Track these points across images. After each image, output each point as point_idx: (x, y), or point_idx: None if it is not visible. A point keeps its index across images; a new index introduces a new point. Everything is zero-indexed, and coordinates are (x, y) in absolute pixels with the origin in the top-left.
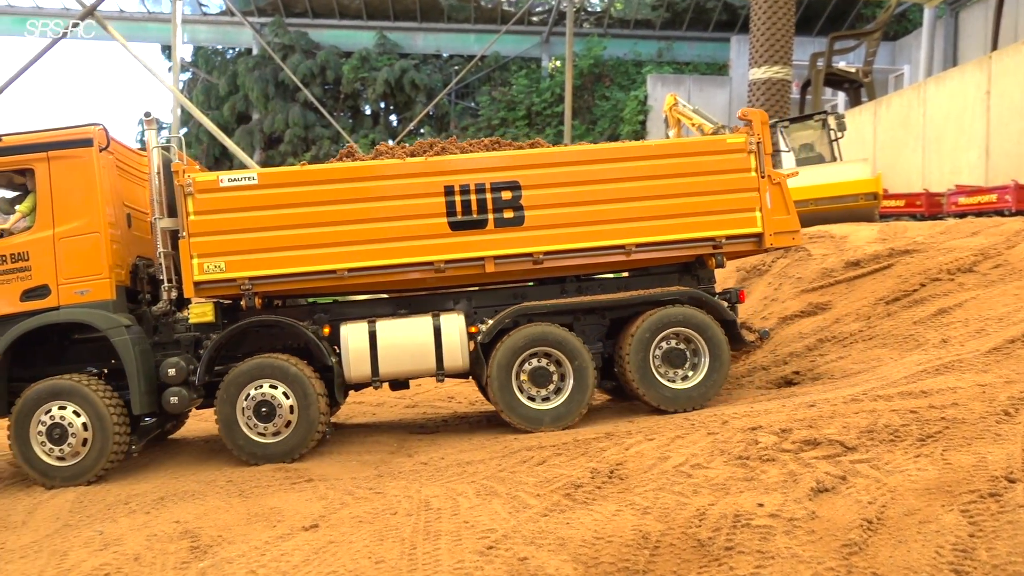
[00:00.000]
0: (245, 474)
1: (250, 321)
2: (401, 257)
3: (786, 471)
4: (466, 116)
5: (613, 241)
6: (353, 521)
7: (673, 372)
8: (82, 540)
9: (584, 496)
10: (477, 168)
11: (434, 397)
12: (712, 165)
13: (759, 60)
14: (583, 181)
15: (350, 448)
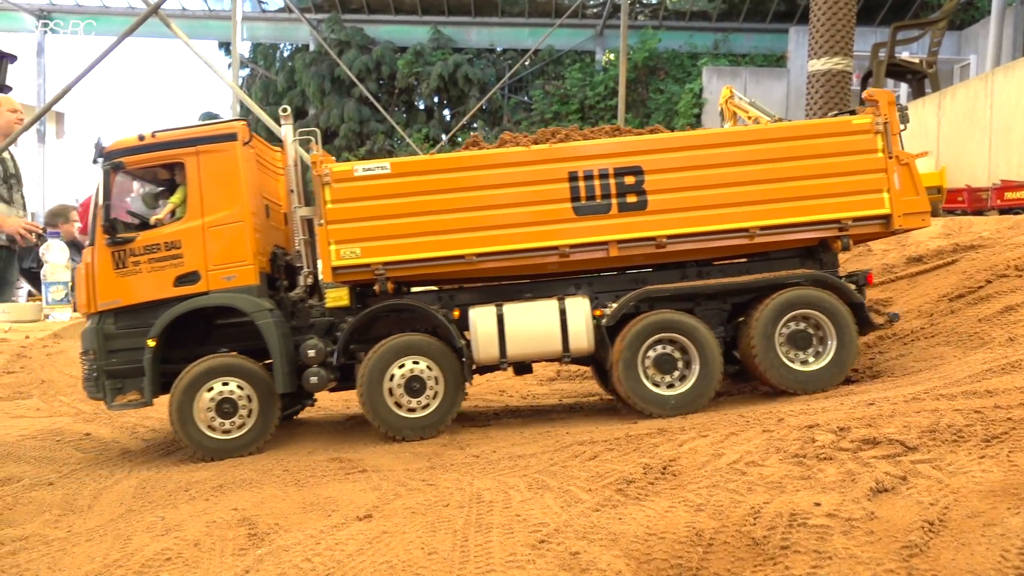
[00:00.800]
0: (301, 464)
1: (384, 305)
2: (528, 242)
3: (844, 470)
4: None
5: (737, 224)
6: (406, 512)
7: (797, 355)
8: (144, 525)
9: (636, 492)
10: (600, 154)
11: (485, 391)
12: (837, 147)
13: (819, 51)
14: (706, 165)
15: (401, 440)
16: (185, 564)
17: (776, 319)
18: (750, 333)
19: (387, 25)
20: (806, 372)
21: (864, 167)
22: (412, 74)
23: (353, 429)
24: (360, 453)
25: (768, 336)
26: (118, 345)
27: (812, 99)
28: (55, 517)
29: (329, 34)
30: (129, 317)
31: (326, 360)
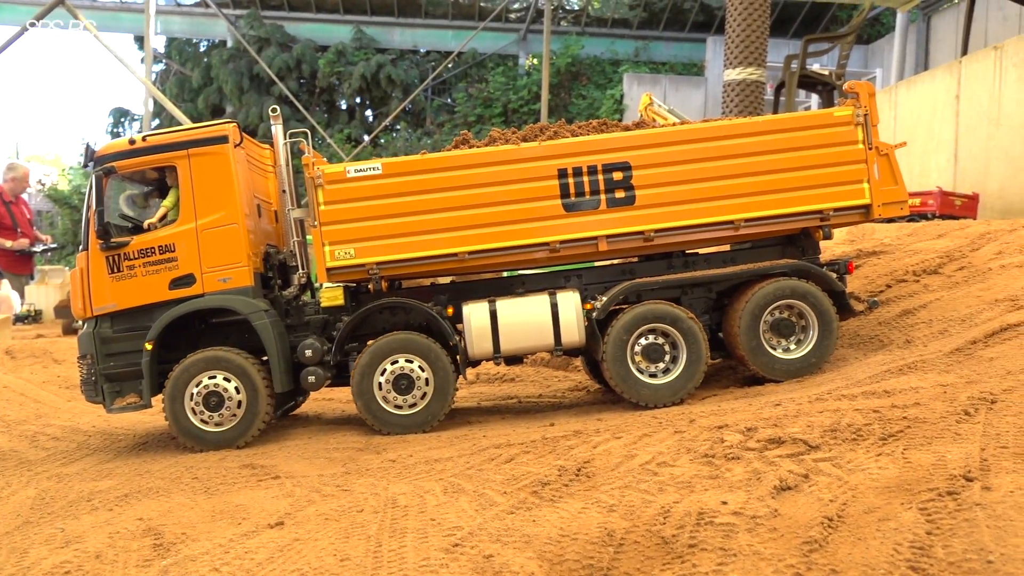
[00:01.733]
0: (211, 470)
1: (380, 303)
2: (518, 239)
3: (750, 469)
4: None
5: (722, 217)
6: (319, 519)
7: (781, 342)
8: (43, 537)
9: (551, 494)
10: (589, 150)
11: None
12: (819, 139)
13: (734, 61)
14: (692, 159)
15: (318, 445)
16: None
17: (760, 309)
18: (735, 322)
19: (308, 23)
20: (789, 359)
21: (845, 158)
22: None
23: (268, 434)
24: (274, 459)
25: (753, 326)
26: (115, 349)
27: (727, 107)
28: None
29: (248, 31)
30: (125, 320)
31: (323, 359)
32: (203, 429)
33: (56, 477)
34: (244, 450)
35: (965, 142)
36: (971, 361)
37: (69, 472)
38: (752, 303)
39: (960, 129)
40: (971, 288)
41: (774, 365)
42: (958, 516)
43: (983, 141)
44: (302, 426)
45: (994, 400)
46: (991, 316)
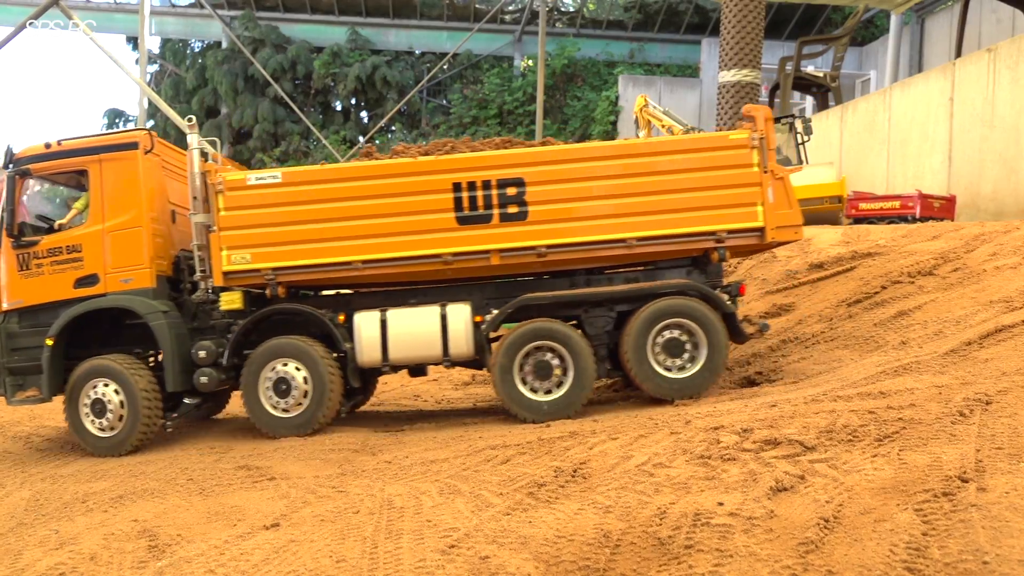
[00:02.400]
0: (207, 472)
1: (272, 309)
2: (412, 250)
3: (746, 470)
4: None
5: (615, 235)
6: (315, 520)
7: (672, 362)
8: (37, 539)
9: (547, 495)
10: (483, 166)
11: (399, 395)
12: (714, 161)
13: (728, 63)
14: (586, 177)
15: (313, 446)
16: None
17: (649, 327)
18: (624, 341)
19: (303, 24)
20: (679, 379)
21: (739, 181)
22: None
23: (263, 436)
24: (269, 460)
25: (641, 345)
26: (20, 344)
27: (723, 109)
28: None
29: (243, 31)
30: (31, 317)
31: (216, 361)
32: (95, 435)
33: (50, 479)
34: (240, 451)
35: (959, 144)
36: (966, 362)
37: (63, 474)
38: (640, 322)
39: (954, 131)
40: (966, 289)
41: (662, 384)
42: (953, 517)
43: (977, 143)
44: None
45: (989, 401)
46: (986, 317)
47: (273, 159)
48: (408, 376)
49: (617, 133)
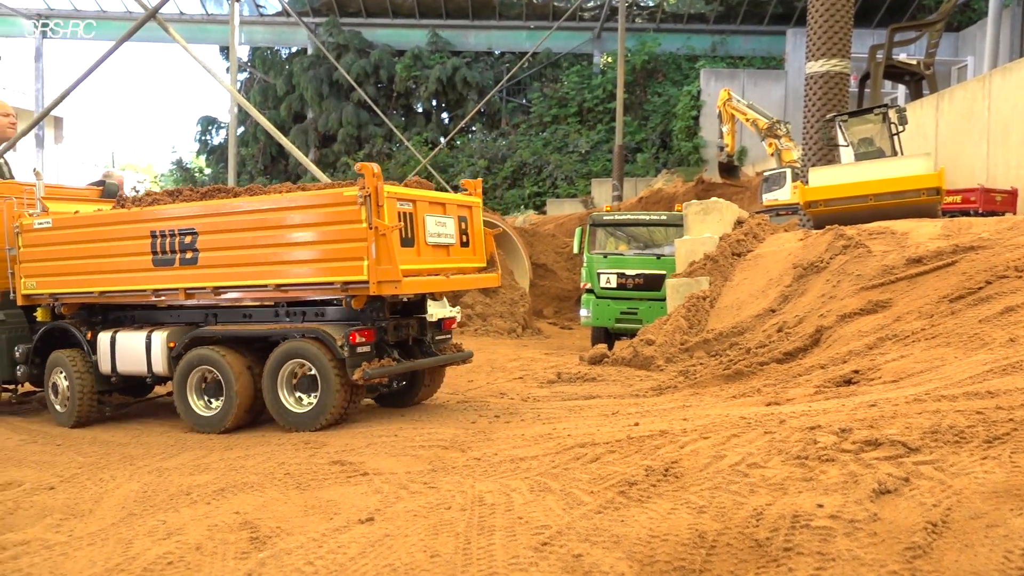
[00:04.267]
0: (302, 467)
1: (50, 325)
2: (128, 285)
3: (846, 472)
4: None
5: (262, 280)
6: (408, 515)
7: (298, 397)
8: (146, 529)
9: (639, 494)
10: (168, 217)
11: (486, 393)
12: (331, 216)
13: (816, 53)
14: (233, 229)
15: (404, 443)
16: (187, 568)
17: (277, 365)
18: (264, 374)
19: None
20: (299, 412)
21: (351, 236)
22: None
23: (355, 432)
24: (362, 456)
25: (272, 378)
26: None
27: (810, 101)
28: (56, 521)
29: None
30: None
31: (28, 359)
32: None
33: (156, 471)
34: (333, 447)
35: None
36: None
37: (168, 467)
38: (272, 359)
39: None
40: None
41: (285, 415)
42: None
43: None
44: (387, 423)
45: None
46: None
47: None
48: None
49: (699, 128)
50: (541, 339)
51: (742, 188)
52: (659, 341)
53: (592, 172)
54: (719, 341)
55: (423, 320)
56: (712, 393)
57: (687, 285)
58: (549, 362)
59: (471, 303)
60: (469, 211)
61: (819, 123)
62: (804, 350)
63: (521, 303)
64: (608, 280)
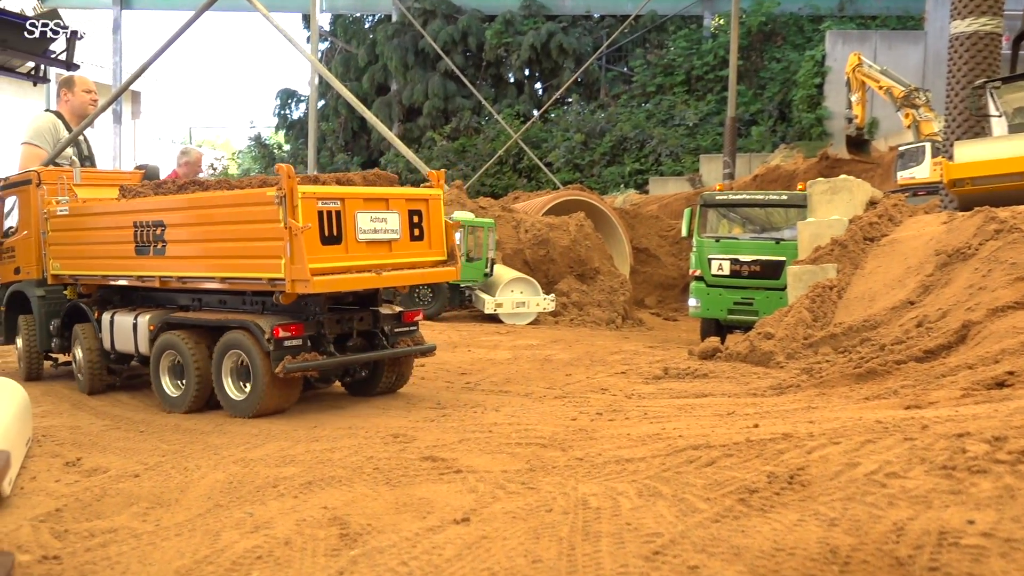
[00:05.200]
0: (392, 462)
1: (71, 303)
2: (120, 270)
3: (1001, 485)
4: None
5: (210, 273)
6: (506, 517)
7: (239, 384)
8: (233, 521)
9: (760, 502)
10: (142, 209)
11: (586, 388)
12: (256, 215)
13: (963, 11)
14: (184, 224)
15: (498, 439)
16: (276, 563)
17: (221, 354)
18: (213, 362)
19: None
20: (236, 400)
21: (271, 235)
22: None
23: (446, 426)
24: (454, 452)
25: (218, 366)
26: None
27: (955, 65)
28: (143, 510)
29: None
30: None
31: (59, 332)
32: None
33: (241, 462)
34: (424, 442)
35: None
36: None
37: (253, 457)
38: (217, 347)
39: None
40: None
41: (226, 401)
42: None
43: None
44: (479, 418)
45: None
46: None
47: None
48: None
49: (823, 98)
50: (643, 331)
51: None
52: (779, 335)
53: (701, 147)
54: (848, 336)
55: (376, 313)
56: (841, 394)
57: (811, 273)
58: (654, 356)
59: (566, 291)
60: (425, 204)
61: (966, 91)
62: (948, 348)
63: (621, 291)
64: (720, 267)
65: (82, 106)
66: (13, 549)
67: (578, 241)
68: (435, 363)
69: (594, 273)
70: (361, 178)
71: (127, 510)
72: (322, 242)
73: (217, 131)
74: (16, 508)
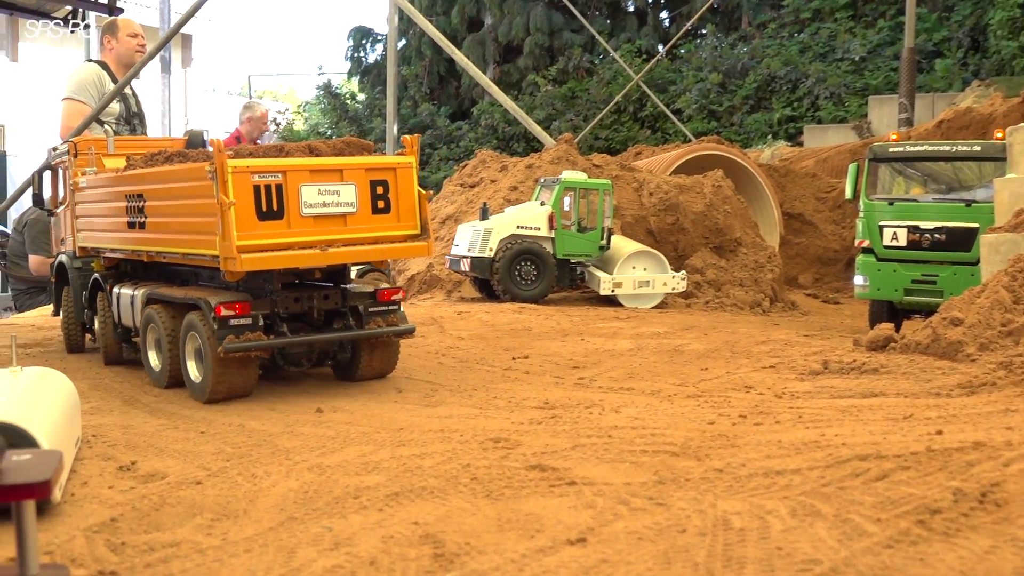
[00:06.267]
0: (492, 470)
1: (93, 276)
2: (121, 244)
3: None
4: (764, 9)
5: (173, 249)
6: (630, 537)
7: (197, 365)
8: (310, 536)
9: (944, 525)
10: (131, 181)
11: (726, 385)
12: (196, 191)
13: None
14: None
15: (619, 446)
16: None
17: (185, 332)
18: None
19: None
20: (193, 381)
21: (209, 210)
22: None
23: (556, 429)
24: (567, 460)
25: (183, 345)
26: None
27: None
28: (208, 522)
29: None
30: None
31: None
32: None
33: (317, 468)
34: (529, 447)
35: None
36: None
37: (330, 463)
38: (183, 325)
39: None
40: None
41: (190, 383)
42: None
43: None
44: (596, 420)
45: None
46: None
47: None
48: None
49: None
50: (796, 316)
51: None
52: (970, 321)
53: (869, 87)
54: None
55: (345, 291)
56: None
57: (1012, 243)
58: (810, 346)
59: (700, 267)
60: (393, 173)
61: None
62: None
63: (769, 267)
64: (895, 236)
65: (128, 53)
66: (67, 562)
67: (715, 206)
68: (541, 355)
69: (735, 245)
70: (330, 147)
71: (190, 521)
72: (259, 217)
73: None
74: (68, 517)
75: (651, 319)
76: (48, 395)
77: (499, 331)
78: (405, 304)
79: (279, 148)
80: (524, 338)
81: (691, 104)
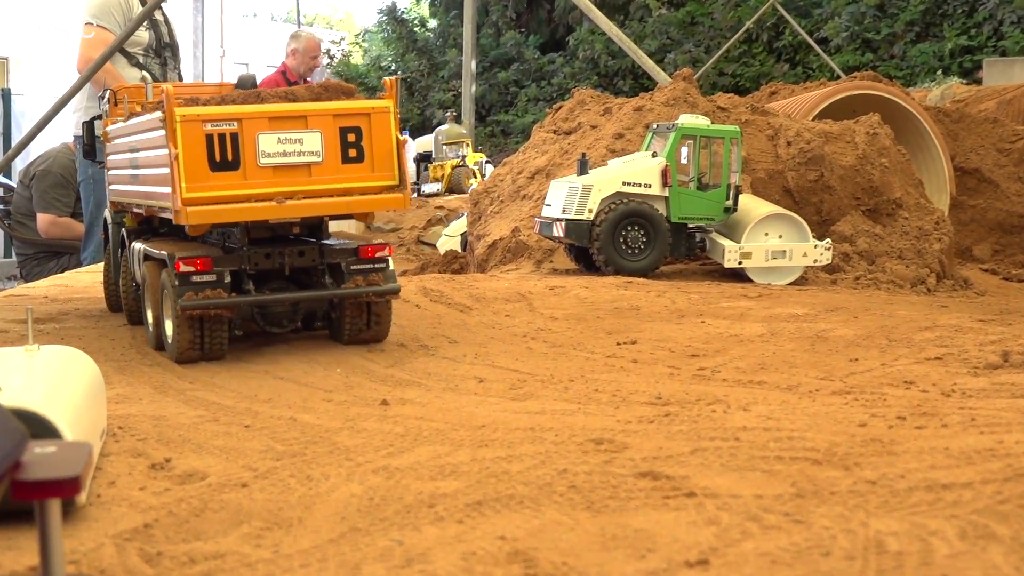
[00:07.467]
0: (595, 478)
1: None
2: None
3: None
4: None
5: (147, 201)
6: (762, 560)
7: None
8: (377, 551)
9: None
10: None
11: (880, 379)
12: (156, 141)
13: None
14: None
15: (748, 450)
16: None
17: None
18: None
19: None
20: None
21: (164, 162)
22: None
23: (671, 430)
24: (685, 467)
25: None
26: None
27: None
28: (256, 531)
29: None
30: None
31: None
32: None
33: (383, 471)
34: (639, 450)
35: None
36: None
37: (398, 465)
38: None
39: None
40: None
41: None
42: None
43: None
44: (721, 419)
45: None
46: None
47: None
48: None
49: None
50: (970, 296)
51: None
52: None
53: None
54: None
55: (322, 247)
56: None
57: None
58: (987, 334)
59: (850, 234)
60: (367, 119)
61: None
62: None
63: (936, 235)
64: None
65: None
66: (96, 573)
67: (869, 159)
68: (652, 340)
69: (894, 208)
70: (309, 91)
71: (235, 530)
72: (212, 168)
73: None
74: (95, 521)
75: (787, 298)
76: (70, 378)
77: (600, 310)
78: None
79: (256, 95)
80: (631, 319)
81: (840, 31)
